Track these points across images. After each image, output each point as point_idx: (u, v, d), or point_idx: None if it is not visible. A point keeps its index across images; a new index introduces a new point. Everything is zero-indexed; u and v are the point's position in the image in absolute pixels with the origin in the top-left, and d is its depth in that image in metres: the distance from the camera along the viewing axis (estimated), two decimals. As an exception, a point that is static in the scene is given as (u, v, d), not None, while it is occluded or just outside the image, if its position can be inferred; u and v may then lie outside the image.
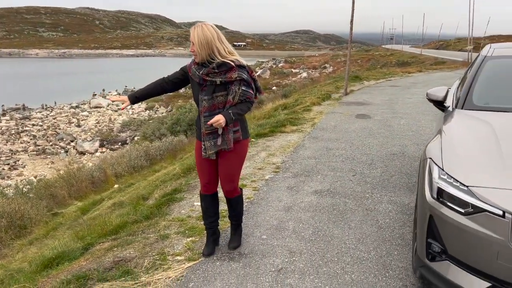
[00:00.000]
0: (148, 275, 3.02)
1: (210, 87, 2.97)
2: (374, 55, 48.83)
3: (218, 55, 2.93)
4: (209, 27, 2.93)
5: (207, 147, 3.04)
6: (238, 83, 2.96)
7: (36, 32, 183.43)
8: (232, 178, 3.23)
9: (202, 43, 2.88)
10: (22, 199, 7.62)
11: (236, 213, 3.40)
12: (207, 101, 2.96)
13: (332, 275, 2.98)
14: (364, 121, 8.68)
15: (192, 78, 3.07)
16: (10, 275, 3.52)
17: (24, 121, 28.54)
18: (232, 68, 2.94)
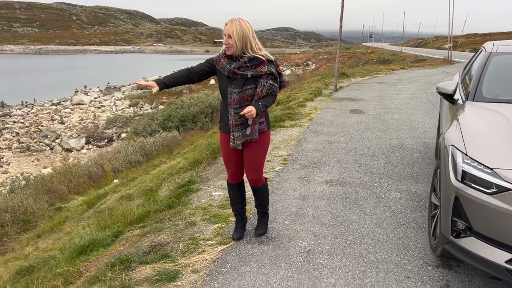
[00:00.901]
0: (185, 258, 3.19)
1: (241, 80, 3.11)
2: (356, 52, 49.54)
3: (249, 50, 3.09)
4: (246, 23, 3.08)
5: (236, 138, 3.18)
6: (267, 77, 3.12)
7: (11, 27, 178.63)
8: (257, 167, 3.38)
9: (239, 36, 3.01)
10: (24, 194, 7.63)
11: (262, 201, 3.55)
12: (237, 93, 3.10)
13: (358, 255, 3.21)
14: (359, 116, 8.97)
15: (220, 72, 3.18)
16: (43, 262, 3.62)
17: (5, 118, 27.96)
18: (262, 63, 3.10)
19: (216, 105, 15.82)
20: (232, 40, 3.03)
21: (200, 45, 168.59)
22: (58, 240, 4.99)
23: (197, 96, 16.76)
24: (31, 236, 6.33)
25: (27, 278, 3.37)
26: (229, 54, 3.11)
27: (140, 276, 2.92)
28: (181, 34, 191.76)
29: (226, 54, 3.15)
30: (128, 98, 32.89)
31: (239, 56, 3.11)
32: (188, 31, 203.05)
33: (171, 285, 2.84)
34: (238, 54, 3.09)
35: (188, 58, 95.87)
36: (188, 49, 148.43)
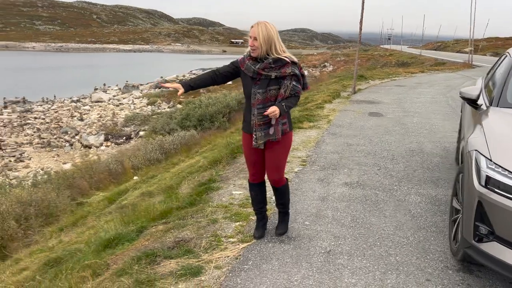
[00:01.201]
0: (208, 254, 3.27)
1: (264, 81, 3.17)
2: (374, 55, 49.18)
3: (274, 52, 3.15)
4: (271, 26, 3.15)
5: (258, 137, 3.23)
6: (290, 78, 3.18)
7: (33, 25, 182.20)
8: (279, 168, 3.43)
9: (265, 39, 3.09)
10: (47, 189, 7.83)
11: (283, 201, 3.60)
12: (261, 94, 3.17)
13: (378, 257, 3.25)
14: (378, 119, 8.96)
15: (244, 73, 3.25)
16: (69, 254, 3.75)
17: (26, 114, 28.59)
18: (286, 64, 3.16)
19: (233, 105, 15.94)
20: (257, 42, 3.10)
21: (217, 45, 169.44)
22: (81, 233, 5.13)
23: (215, 96, 16.90)
24: (54, 230, 6.50)
25: (55, 269, 3.49)
26: (254, 56, 3.17)
27: (165, 270, 3.01)
28: (198, 34, 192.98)
29: (251, 56, 3.22)
30: (146, 97, 33.30)
31: (263, 57, 3.17)
32: (205, 31, 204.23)
33: (195, 279, 2.92)
34: (262, 56, 3.15)
35: (205, 58, 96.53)
36: (205, 49, 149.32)
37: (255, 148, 3.34)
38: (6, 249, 6.36)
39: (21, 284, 3.42)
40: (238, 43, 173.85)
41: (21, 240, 6.49)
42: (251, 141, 3.33)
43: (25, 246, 6.24)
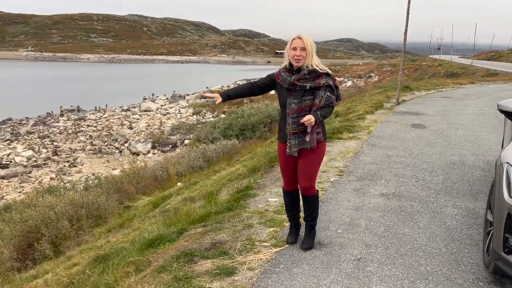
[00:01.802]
0: (242, 256, 3.45)
1: (300, 92, 3.33)
2: (421, 65, 47.90)
3: (311, 63, 3.33)
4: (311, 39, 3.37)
5: (292, 145, 3.38)
6: (324, 89, 3.33)
7: (88, 37, 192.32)
8: (311, 176, 3.53)
9: (311, 50, 3.30)
10: (97, 192, 8.34)
11: (311, 212, 3.60)
12: (296, 104, 3.32)
13: (408, 266, 3.29)
14: (420, 130, 8.84)
15: (280, 85, 3.43)
16: (115, 252, 4.06)
17: (80, 121, 30.24)
18: (320, 75, 3.33)
19: (275, 115, 16.14)
20: (305, 52, 3.28)
21: (262, 56, 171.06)
22: (127, 234, 5.47)
23: (257, 106, 17.19)
24: (103, 231, 6.92)
25: (103, 264, 3.80)
26: (298, 66, 3.33)
27: (202, 269, 3.22)
28: (244, 45, 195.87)
29: (287, 68, 3.41)
30: (192, 107, 34.25)
31: (300, 69, 3.34)
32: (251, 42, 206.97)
33: (229, 279, 3.10)
34: (305, 66, 3.32)
35: (250, 69, 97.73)
36: (250, 59, 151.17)
37: (289, 156, 3.48)
38: (60, 246, 6.85)
39: (73, 277, 3.75)
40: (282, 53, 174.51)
41: (73, 239, 6.96)
42: (285, 150, 3.46)
43: (76, 245, 6.70)
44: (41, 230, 7.01)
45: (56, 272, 4.55)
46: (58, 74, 78.65)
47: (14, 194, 16.19)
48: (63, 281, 3.75)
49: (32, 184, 17.49)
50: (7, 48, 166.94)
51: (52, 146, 23.07)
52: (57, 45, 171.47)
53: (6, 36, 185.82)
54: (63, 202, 7.54)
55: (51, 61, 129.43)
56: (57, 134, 26.05)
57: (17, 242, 7.03)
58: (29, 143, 23.65)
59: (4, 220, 8.34)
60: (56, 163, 20.20)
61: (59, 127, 28.20)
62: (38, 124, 29.64)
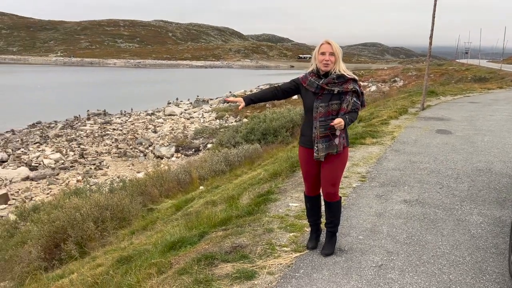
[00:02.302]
0: (262, 260, 3.46)
1: (327, 96, 3.34)
2: (448, 69, 46.95)
3: (338, 68, 3.36)
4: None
5: (319, 149, 3.35)
6: (351, 94, 3.34)
7: (115, 43, 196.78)
8: (334, 181, 3.50)
9: (339, 55, 3.33)
10: (122, 194, 8.50)
11: (333, 219, 3.58)
12: (324, 107, 3.32)
13: (430, 274, 3.24)
14: (446, 136, 8.67)
15: (306, 89, 3.43)
16: (138, 253, 4.14)
17: (106, 125, 30.90)
18: (348, 80, 3.34)
19: (297, 120, 16.11)
20: (334, 58, 3.31)
21: (285, 61, 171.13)
22: (150, 237, 5.56)
23: (279, 111, 17.19)
24: (126, 233, 7.05)
25: (126, 266, 3.87)
26: (326, 70, 3.34)
27: (222, 272, 3.25)
28: (267, 49, 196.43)
29: (314, 72, 3.41)
30: (215, 111, 34.54)
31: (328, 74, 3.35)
32: (274, 47, 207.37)
33: (248, 283, 3.12)
34: (333, 71, 3.34)
35: (273, 73, 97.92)
36: (273, 64, 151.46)
37: (312, 161, 3.46)
38: (85, 247, 7.01)
39: (97, 277, 3.84)
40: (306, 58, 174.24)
41: (98, 240, 7.12)
42: (308, 155, 3.46)
43: (101, 246, 6.84)
44: (67, 231, 7.19)
45: (81, 272, 4.66)
46: (86, 78, 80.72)
47: (42, 195, 16.66)
48: (87, 281, 3.85)
49: (60, 186, 17.96)
50: (38, 53, 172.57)
51: (79, 149, 23.64)
52: (85, 51, 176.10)
53: (37, 42, 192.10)
54: (88, 204, 7.71)
55: (79, 66, 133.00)
56: (84, 137, 26.69)
57: (45, 242, 7.24)
58: (57, 146, 24.30)
59: (32, 221, 8.59)
60: (83, 166, 20.68)
61: (86, 131, 28.89)
62: (66, 128, 30.44)
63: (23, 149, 23.79)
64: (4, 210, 15.32)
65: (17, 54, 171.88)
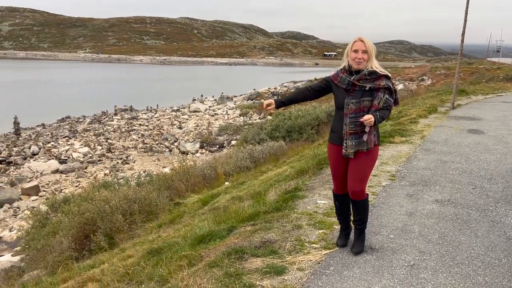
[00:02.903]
0: (291, 256, 3.45)
1: (359, 92, 3.30)
2: (479, 68, 45.65)
3: (370, 65, 3.31)
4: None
5: (348, 146, 3.32)
6: (384, 91, 3.30)
7: (142, 40, 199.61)
8: (362, 179, 3.43)
9: (372, 53, 3.30)
10: (149, 188, 8.63)
11: (361, 216, 3.54)
12: (355, 104, 3.28)
13: (465, 275, 3.17)
14: (477, 136, 8.45)
15: (337, 86, 3.40)
16: (168, 246, 4.19)
17: (132, 121, 31.42)
18: (380, 77, 3.31)
19: (323, 118, 15.99)
20: (366, 55, 3.28)
21: (310, 58, 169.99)
22: (178, 230, 5.62)
23: (305, 108, 17.10)
24: (154, 226, 7.15)
25: (156, 257, 3.93)
26: (359, 68, 3.31)
27: (252, 267, 3.26)
28: (292, 47, 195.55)
29: (345, 69, 3.38)
30: (239, 108, 34.63)
31: (355, 71, 3.32)
32: (299, 44, 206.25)
33: (278, 278, 3.12)
34: (365, 68, 3.30)
35: (297, 71, 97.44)
36: (298, 61, 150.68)
37: (341, 159, 3.43)
38: (114, 239, 7.16)
39: (128, 268, 3.91)
40: (331, 55, 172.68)
41: (126, 232, 7.25)
42: (337, 152, 3.43)
43: (129, 238, 6.97)
44: (97, 223, 7.35)
45: (112, 262, 4.76)
46: (113, 74, 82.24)
47: (71, 187, 17.10)
48: (119, 271, 3.92)
49: (88, 179, 18.40)
50: (67, 50, 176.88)
51: (107, 143, 24.13)
52: (112, 47, 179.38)
53: (66, 39, 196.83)
54: (117, 197, 7.86)
55: (106, 62, 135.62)
56: (111, 132, 27.22)
57: (75, 233, 7.42)
58: (86, 140, 24.87)
59: (63, 212, 8.83)
60: (110, 160, 21.11)
61: (113, 126, 29.46)
62: (93, 122, 31.14)
63: (53, 142, 24.46)
64: (35, 201, 15.81)
65: (47, 50, 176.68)
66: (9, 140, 25.26)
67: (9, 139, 25.86)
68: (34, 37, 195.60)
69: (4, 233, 12.73)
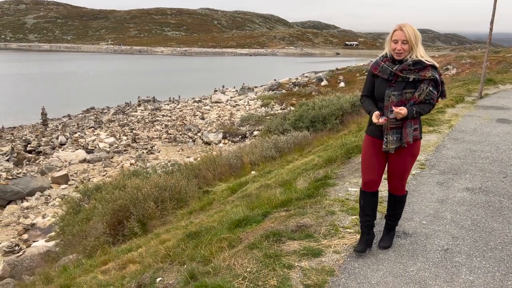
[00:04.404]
0: (327, 240, 3.58)
1: (401, 84, 3.06)
2: (506, 57, 44.42)
3: (415, 54, 3.04)
4: (415, 28, 3.07)
5: (389, 141, 3.11)
6: (428, 83, 3.03)
7: (162, 31, 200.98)
8: (403, 175, 3.30)
9: (415, 42, 3.02)
10: (178, 177, 8.87)
11: (395, 212, 3.44)
12: (396, 96, 3.05)
13: (499, 260, 3.24)
14: (507, 126, 8.36)
15: (378, 76, 3.15)
16: (205, 230, 4.37)
17: (156, 111, 31.89)
18: (426, 67, 3.03)
19: (347, 107, 15.94)
20: (407, 46, 3.02)
21: (331, 48, 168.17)
22: (210, 216, 5.80)
23: (329, 98, 17.07)
24: (184, 212, 7.37)
25: (195, 241, 4.11)
26: (399, 59, 3.07)
27: (289, 249, 3.40)
28: (312, 37, 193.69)
29: (388, 57, 3.13)
30: (260, 99, 34.72)
31: (398, 61, 3.08)
32: (319, 34, 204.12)
33: (316, 259, 3.26)
34: (409, 57, 3.05)
35: (318, 61, 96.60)
36: (318, 51, 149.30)
37: (380, 153, 3.23)
38: (146, 225, 7.42)
39: (169, 250, 4.11)
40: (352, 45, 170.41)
41: (158, 219, 7.49)
42: (376, 145, 3.23)
43: (161, 224, 7.21)
44: (129, 209, 7.62)
45: (150, 245, 4.98)
46: (135, 66, 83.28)
47: (99, 177, 17.58)
48: (160, 253, 4.12)
49: (114, 168, 18.86)
50: (90, 41, 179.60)
51: (132, 134, 24.61)
52: (134, 39, 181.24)
53: (89, 31, 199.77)
54: (148, 185, 8.11)
55: (128, 53, 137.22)
56: (135, 123, 27.73)
57: (109, 219, 7.72)
58: (111, 131, 25.42)
59: (95, 199, 9.16)
60: (135, 150, 21.56)
61: (137, 116, 29.99)
62: (118, 113, 31.75)
63: (80, 133, 25.09)
64: (65, 190, 16.34)
65: (71, 42, 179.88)
66: (38, 131, 26.04)
67: (38, 129, 26.66)
68: (58, 30, 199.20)
69: (38, 220, 13.24)
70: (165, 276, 3.48)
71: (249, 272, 3.05)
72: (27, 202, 15.00)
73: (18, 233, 12.37)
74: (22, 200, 15.36)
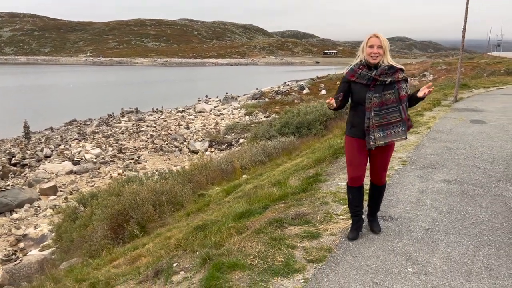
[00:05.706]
0: (323, 225, 4.04)
1: (380, 87, 3.45)
2: (480, 63, 46.12)
3: (386, 60, 3.49)
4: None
5: (377, 138, 3.46)
6: (404, 82, 3.51)
7: (142, 42, 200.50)
8: (386, 167, 3.79)
9: (387, 48, 3.49)
10: (173, 182, 9.23)
11: (378, 200, 3.88)
12: (378, 98, 3.44)
13: (472, 235, 3.75)
14: (480, 126, 9.02)
15: (356, 82, 3.52)
16: (212, 223, 4.78)
17: (140, 122, 32.03)
18: (397, 70, 3.49)
19: (330, 113, 16.57)
20: (382, 50, 3.45)
21: (310, 57, 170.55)
22: (210, 215, 6.20)
23: (313, 105, 17.68)
24: (182, 214, 7.73)
25: (203, 232, 4.52)
26: (375, 63, 3.47)
27: (291, 233, 3.85)
28: (292, 46, 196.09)
29: (363, 65, 3.51)
30: (244, 107, 35.21)
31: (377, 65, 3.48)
32: (299, 43, 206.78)
33: (315, 240, 3.71)
34: (381, 62, 3.48)
35: (298, 70, 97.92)
36: (299, 60, 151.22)
37: (363, 151, 3.58)
38: (145, 228, 7.75)
39: (179, 241, 4.50)
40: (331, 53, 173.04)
41: (156, 221, 7.84)
42: (359, 145, 3.57)
43: (160, 226, 7.56)
44: (129, 213, 7.95)
45: (156, 242, 5.35)
46: (115, 77, 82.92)
47: (87, 187, 17.71)
48: (170, 244, 4.51)
49: (102, 179, 19.00)
50: (68, 54, 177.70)
51: (117, 144, 24.73)
52: (113, 50, 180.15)
53: (67, 43, 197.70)
54: (145, 190, 8.46)
55: (108, 65, 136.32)
56: (120, 134, 27.82)
57: (109, 222, 8.02)
58: (97, 142, 25.49)
59: (92, 206, 9.44)
60: (122, 160, 21.71)
61: (121, 127, 30.07)
62: (101, 125, 31.74)
63: (64, 145, 25.07)
64: (54, 201, 16.43)
65: (48, 54, 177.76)
66: (22, 144, 25.90)
67: (21, 142, 26.51)
68: (35, 42, 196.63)
69: (29, 230, 13.34)
70: (180, 262, 3.88)
71: (258, 252, 3.49)
72: (17, 214, 15.05)
73: (10, 244, 12.47)
74: (11, 212, 15.40)
